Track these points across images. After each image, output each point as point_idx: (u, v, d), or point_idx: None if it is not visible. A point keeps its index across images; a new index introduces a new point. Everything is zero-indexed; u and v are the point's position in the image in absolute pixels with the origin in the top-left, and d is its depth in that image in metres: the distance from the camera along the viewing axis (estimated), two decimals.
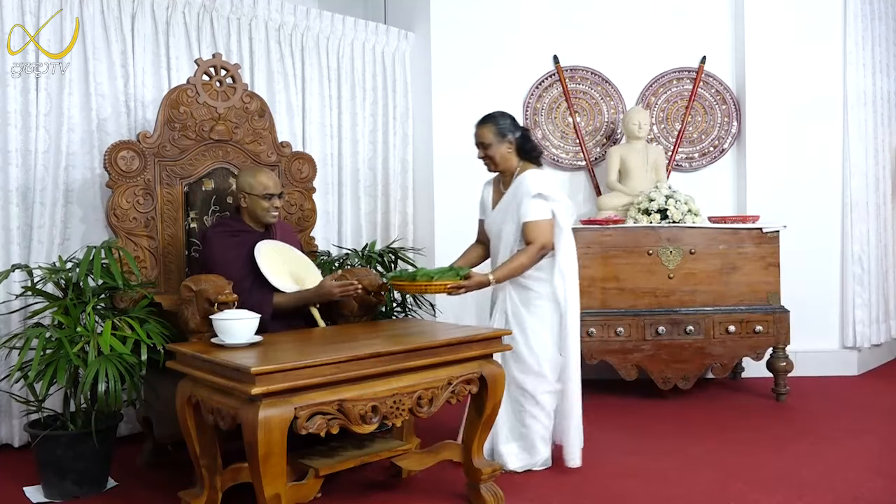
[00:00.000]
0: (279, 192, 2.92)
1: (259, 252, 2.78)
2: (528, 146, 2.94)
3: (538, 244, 2.78)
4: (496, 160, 2.92)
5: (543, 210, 2.81)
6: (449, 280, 2.62)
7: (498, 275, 2.76)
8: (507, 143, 2.90)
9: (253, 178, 2.88)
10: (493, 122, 2.92)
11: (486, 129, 2.92)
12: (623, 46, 4.60)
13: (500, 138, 2.90)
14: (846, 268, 4.48)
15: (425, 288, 2.62)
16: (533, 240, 2.79)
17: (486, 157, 2.94)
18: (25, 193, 3.16)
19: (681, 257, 3.82)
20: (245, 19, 3.85)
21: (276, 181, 2.93)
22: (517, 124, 2.96)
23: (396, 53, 4.58)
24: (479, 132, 2.94)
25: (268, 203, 2.87)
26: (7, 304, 3.01)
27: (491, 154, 2.91)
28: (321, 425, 2.02)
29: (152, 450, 2.96)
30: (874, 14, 4.71)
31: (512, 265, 2.78)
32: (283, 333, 2.55)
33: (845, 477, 2.73)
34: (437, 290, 2.64)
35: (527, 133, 2.96)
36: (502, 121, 2.92)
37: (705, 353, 3.80)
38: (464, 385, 2.36)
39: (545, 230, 2.80)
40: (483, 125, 2.94)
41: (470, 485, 2.52)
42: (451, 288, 2.64)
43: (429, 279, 2.59)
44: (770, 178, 4.47)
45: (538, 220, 2.80)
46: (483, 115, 2.99)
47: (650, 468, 2.87)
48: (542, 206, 2.81)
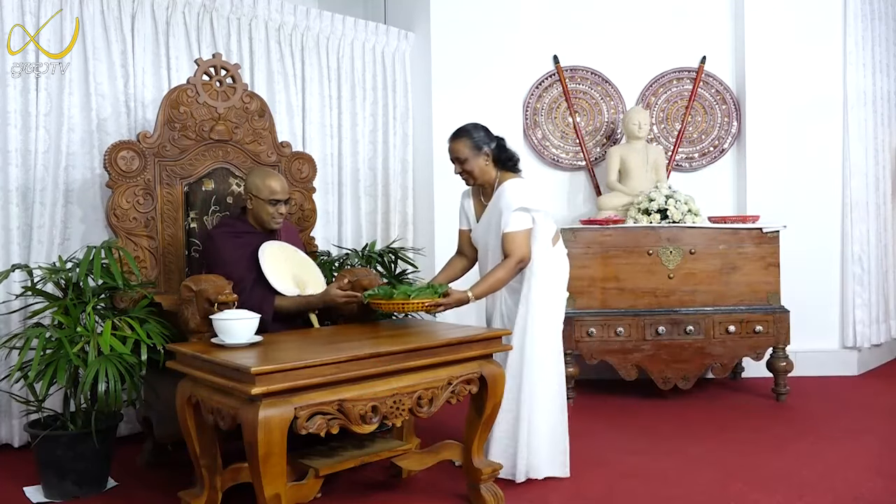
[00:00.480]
0: (286, 198, 2.89)
1: (263, 253, 2.77)
2: (505, 156, 2.87)
3: (515, 257, 2.73)
4: (475, 174, 2.85)
5: (524, 220, 2.77)
6: (427, 298, 2.55)
7: (477, 291, 2.69)
8: (484, 155, 2.84)
9: (262, 181, 2.84)
10: (466, 136, 2.84)
11: (461, 143, 2.84)
12: (623, 46, 4.60)
13: (476, 151, 2.83)
14: (846, 268, 4.48)
15: (402, 306, 2.55)
16: (510, 252, 2.74)
17: (463, 171, 2.87)
18: (25, 193, 3.16)
19: (681, 257, 3.82)
20: (245, 19, 3.85)
21: (284, 187, 2.88)
22: (491, 135, 2.89)
23: (396, 53, 4.58)
24: (454, 147, 2.86)
25: (273, 209, 2.85)
26: (7, 304, 3.01)
27: (469, 168, 2.84)
28: (321, 425, 2.02)
29: (152, 450, 2.95)
30: (874, 14, 4.71)
31: (490, 281, 2.73)
32: (283, 333, 2.55)
33: (845, 477, 2.73)
34: (414, 309, 2.56)
35: (502, 142, 2.90)
36: (476, 133, 2.85)
37: (705, 353, 3.81)
38: (464, 385, 2.37)
39: (522, 242, 2.75)
40: (457, 140, 2.86)
41: (470, 485, 2.52)
42: (429, 306, 2.58)
43: (406, 297, 2.53)
44: (770, 178, 4.48)
45: (516, 231, 2.74)
46: (454, 129, 2.91)
47: (650, 468, 2.87)
48: (523, 216, 2.77)
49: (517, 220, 2.75)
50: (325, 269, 3.49)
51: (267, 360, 1.99)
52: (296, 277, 2.83)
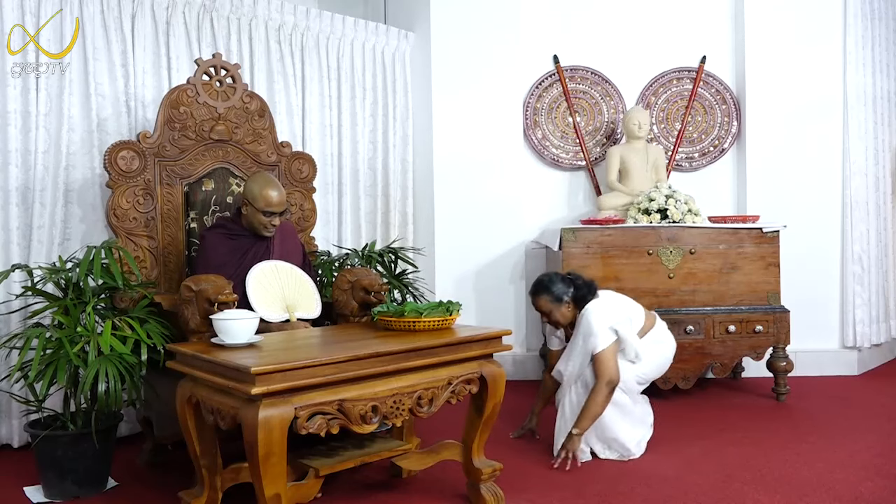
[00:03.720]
0: (281, 210, 2.87)
1: (251, 278, 2.75)
2: (581, 294, 3.04)
3: (604, 380, 2.89)
4: (561, 321, 3.08)
5: (608, 337, 2.95)
6: (438, 316, 2.46)
7: (582, 426, 2.88)
8: (565, 304, 3.04)
9: (259, 190, 2.83)
10: (545, 292, 3.04)
11: (542, 300, 3.06)
12: (623, 46, 4.60)
13: (557, 303, 3.03)
14: (846, 267, 4.48)
15: (413, 325, 2.44)
16: (600, 375, 2.91)
17: (550, 322, 3.11)
18: (25, 193, 3.16)
19: (681, 257, 3.82)
20: (245, 19, 3.85)
21: (281, 199, 2.86)
22: (568, 280, 3.07)
23: (396, 53, 4.58)
24: (538, 303, 3.09)
25: (266, 219, 2.84)
26: (7, 304, 3.01)
27: (555, 319, 3.07)
28: (321, 425, 2.02)
29: (152, 450, 2.95)
30: (874, 14, 4.71)
31: (590, 412, 2.89)
32: (282, 333, 2.55)
33: (845, 477, 2.73)
34: (425, 328, 2.44)
35: (578, 283, 3.06)
36: (554, 288, 3.03)
37: (705, 353, 3.81)
38: (464, 385, 2.36)
39: (609, 363, 2.91)
40: (538, 296, 3.07)
41: (470, 485, 2.52)
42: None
43: (418, 315, 2.45)
44: (770, 178, 4.48)
45: (603, 351, 2.92)
46: (534, 283, 3.11)
47: (650, 468, 2.87)
48: (608, 335, 2.95)
49: (603, 339, 2.93)
50: (325, 269, 3.50)
51: (267, 360, 1.99)
52: (287, 299, 2.80)
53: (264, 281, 2.78)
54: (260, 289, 2.75)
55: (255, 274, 2.77)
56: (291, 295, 2.83)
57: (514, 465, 2.89)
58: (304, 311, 2.82)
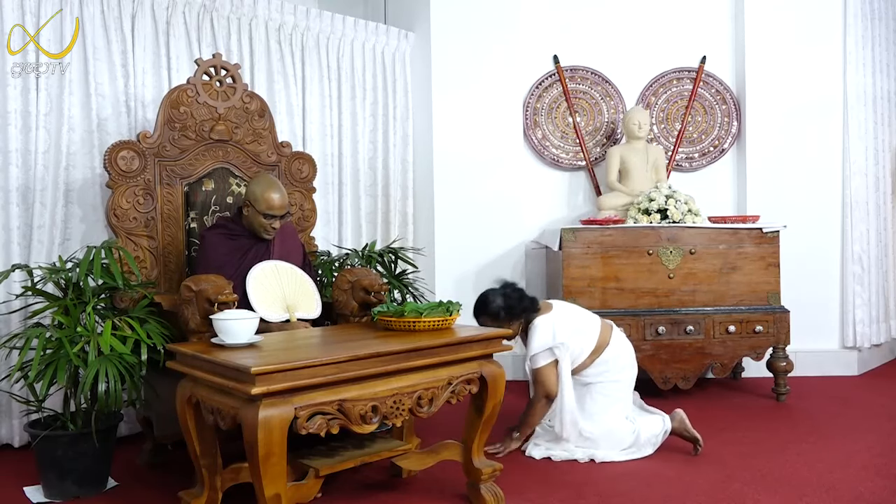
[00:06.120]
0: (282, 213, 2.86)
1: (251, 278, 2.75)
2: (509, 305, 3.05)
3: (542, 394, 3.03)
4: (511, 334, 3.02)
5: (545, 357, 3.03)
6: (439, 316, 2.47)
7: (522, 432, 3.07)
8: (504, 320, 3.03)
9: (261, 192, 2.82)
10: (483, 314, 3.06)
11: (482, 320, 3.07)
12: (623, 46, 4.60)
13: (496, 321, 3.03)
14: (846, 267, 4.48)
15: (413, 325, 2.44)
16: (538, 388, 3.05)
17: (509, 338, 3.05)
18: (25, 193, 3.16)
19: (681, 257, 3.82)
20: (245, 19, 3.85)
21: (283, 202, 2.85)
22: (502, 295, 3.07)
23: (396, 53, 4.58)
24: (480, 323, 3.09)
25: (266, 222, 2.84)
26: (7, 304, 3.01)
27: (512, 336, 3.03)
28: (321, 425, 2.02)
29: (152, 450, 2.95)
30: (874, 14, 4.71)
31: (528, 421, 3.06)
32: (282, 333, 2.55)
33: (845, 477, 2.73)
34: (426, 328, 2.45)
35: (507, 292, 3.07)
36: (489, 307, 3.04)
37: (705, 353, 3.81)
38: (464, 385, 2.36)
39: (548, 378, 3.02)
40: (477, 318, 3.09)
41: (470, 485, 2.52)
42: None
43: (418, 315, 2.45)
44: (770, 178, 4.48)
45: (541, 368, 3.03)
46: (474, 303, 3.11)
47: (650, 468, 2.87)
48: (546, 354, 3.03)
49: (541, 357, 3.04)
50: (325, 269, 3.50)
51: (267, 360, 1.99)
52: (287, 299, 2.80)
53: (264, 281, 2.78)
54: (260, 289, 2.75)
55: (255, 274, 2.77)
56: (291, 295, 2.82)
57: (514, 465, 2.89)
58: (305, 312, 2.82)
